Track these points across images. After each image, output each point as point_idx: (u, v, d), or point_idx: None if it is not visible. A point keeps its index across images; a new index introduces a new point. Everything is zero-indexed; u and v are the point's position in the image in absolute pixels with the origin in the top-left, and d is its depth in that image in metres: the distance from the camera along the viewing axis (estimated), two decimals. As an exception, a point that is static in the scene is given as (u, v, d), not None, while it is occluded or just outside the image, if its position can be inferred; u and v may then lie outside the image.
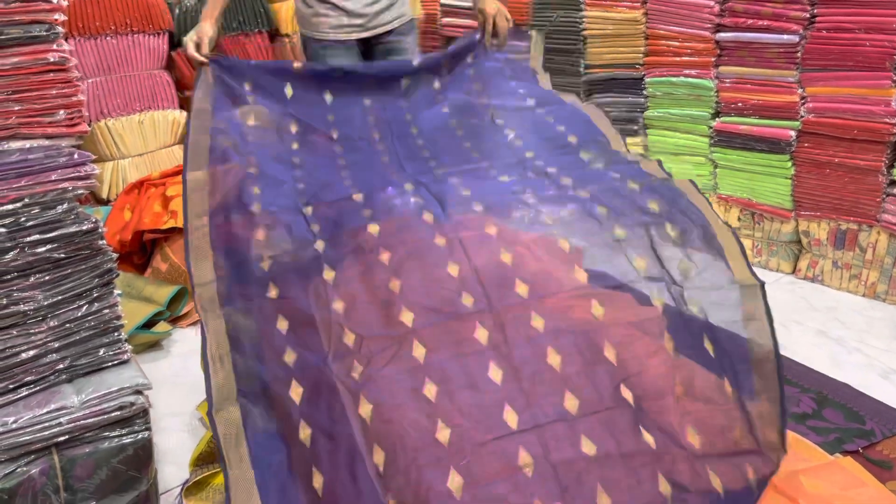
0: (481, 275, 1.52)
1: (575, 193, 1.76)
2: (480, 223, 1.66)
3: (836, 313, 2.58)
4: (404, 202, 1.75)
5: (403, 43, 2.61)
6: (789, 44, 2.60)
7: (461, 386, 1.36)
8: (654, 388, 1.41)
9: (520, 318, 1.44)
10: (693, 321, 1.54)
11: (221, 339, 1.48)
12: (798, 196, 2.76)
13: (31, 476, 1.46)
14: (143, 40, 3.16)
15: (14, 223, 1.41)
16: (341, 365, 1.39)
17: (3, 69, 1.38)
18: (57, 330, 1.51)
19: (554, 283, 1.53)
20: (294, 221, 1.68)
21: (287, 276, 1.56)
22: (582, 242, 1.63)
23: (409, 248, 1.60)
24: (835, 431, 1.91)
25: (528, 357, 1.40)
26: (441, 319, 1.45)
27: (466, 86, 2.23)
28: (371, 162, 1.91)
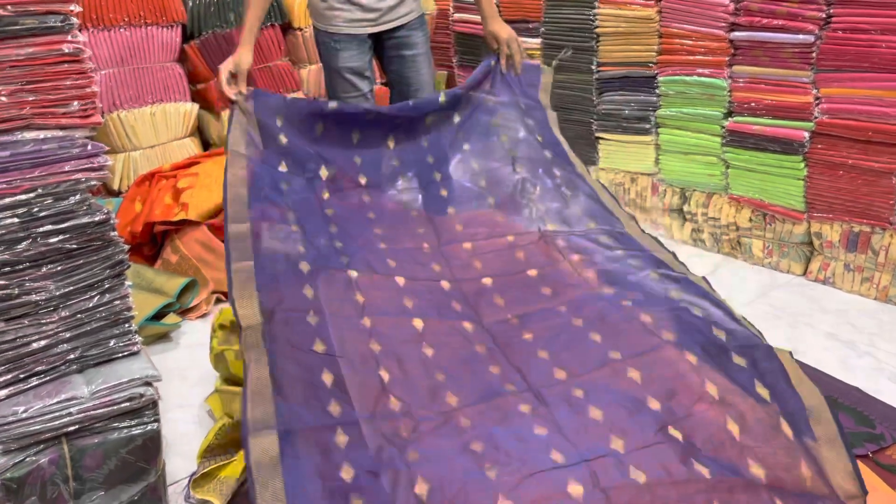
0: (518, 367, 1.58)
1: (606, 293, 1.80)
2: (517, 327, 1.73)
3: (847, 316, 2.56)
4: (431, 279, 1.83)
5: (413, 38, 2.62)
6: (804, 44, 2.59)
7: (508, 441, 1.38)
8: (704, 428, 1.41)
9: (561, 394, 1.49)
10: (741, 371, 1.53)
11: (264, 380, 1.46)
12: (810, 197, 2.74)
13: (41, 465, 1.47)
14: (156, 32, 3.16)
15: (27, 213, 1.42)
16: (388, 424, 1.41)
17: (17, 59, 1.38)
18: (68, 320, 1.51)
19: (591, 364, 1.57)
20: (341, 281, 1.73)
21: (333, 333, 1.58)
22: (612, 330, 1.68)
23: (446, 335, 1.66)
24: (844, 435, 1.90)
25: (572, 416, 1.42)
26: (485, 399, 1.49)
27: (488, 130, 2.31)
28: (400, 222, 1.95)
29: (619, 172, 3.43)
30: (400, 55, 2.64)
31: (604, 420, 1.41)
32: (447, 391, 1.49)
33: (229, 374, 1.99)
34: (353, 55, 2.55)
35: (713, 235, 3.11)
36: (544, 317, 1.76)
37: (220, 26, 3.33)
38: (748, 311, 2.61)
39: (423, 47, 2.68)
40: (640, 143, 3.28)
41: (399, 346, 1.59)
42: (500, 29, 2.39)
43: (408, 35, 2.62)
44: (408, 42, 2.63)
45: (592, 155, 3.50)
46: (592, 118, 3.42)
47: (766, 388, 1.49)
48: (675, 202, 3.22)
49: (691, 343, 1.58)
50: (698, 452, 1.36)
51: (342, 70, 2.56)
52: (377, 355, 1.55)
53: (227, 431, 1.81)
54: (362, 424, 1.39)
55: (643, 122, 3.22)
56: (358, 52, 2.55)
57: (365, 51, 2.58)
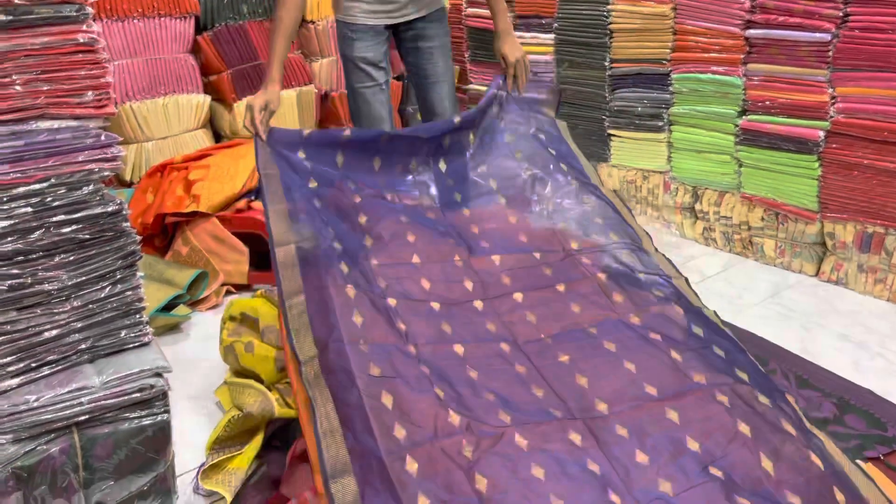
0: (560, 394, 1.64)
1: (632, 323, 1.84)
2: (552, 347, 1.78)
3: (860, 317, 2.54)
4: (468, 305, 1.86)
5: (431, 30, 2.62)
6: (821, 42, 2.56)
7: (565, 472, 1.43)
8: (741, 466, 1.48)
9: (606, 429, 1.55)
10: (768, 411, 1.61)
11: (331, 415, 1.51)
12: (824, 197, 2.72)
13: (51, 454, 1.47)
14: (169, 24, 3.16)
15: (41, 203, 1.42)
16: (451, 443, 1.44)
17: (32, 49, 1.38)
18: (80, 310, 1.52)
19: (629, 399, 1.62)
20: (382, 308, 1.77)
21: (384, 358, 1.62)
22: (644, 363, 1.73)
23: (486, 359, 1.71)
24: (856, 438, 1.88)
25: (620, 457, 1.49)
26: (536, 420, 1.54)
27: (502, 147, 2.35)
28: (429, 229, 1.98)
29: (630, 170, 3.42)
30: (417, 47, 2.64)
31: (650, 463, 1.48)
32: (499, 409, 1.55)
33: (239, 367, 2.00)
34: (368, 46, 2.56)
35: (725, 234, 3.09)
36: (576, 337, 1.82)
37: (234, 18, 3.33)
38: (759, 312, 2.60)
39: (441, 40, 2.68)
40: (652, 141, 3.26)
41: (446, 369, 1.64)
42: (509, 51, 2.43)
43: (425, 27, 2.62)
44: (425, 34, 2.63)
45: (604, 152, 3.49)
46: (605, 115, 3.41)
47: (791, 425, 1.58)
48: (687, 200, 3.20)
49: (721, 384, 1.66)
50: (739, 489, 1.44)
51: (357, 60, 2.57)
52: (429, 376, 1.60)
53: (235, 423, 1.81)
54: (428, 447, 1.45)
55: (656, 120, 3.20)
56: (374, 43, 2.56)
57: (381, 42, 2.59)
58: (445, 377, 1.61)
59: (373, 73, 2.61)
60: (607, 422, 1.57)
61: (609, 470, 1.47)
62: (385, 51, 2.64)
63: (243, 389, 1.89)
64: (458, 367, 1.65)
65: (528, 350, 1.77)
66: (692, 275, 2.89)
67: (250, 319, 2.05)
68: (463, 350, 1.72)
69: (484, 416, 1.52)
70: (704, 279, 2.87)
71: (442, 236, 2.08)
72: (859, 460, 1.76)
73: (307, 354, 1.64)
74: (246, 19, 3.36)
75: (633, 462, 1.49)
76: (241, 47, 3.37)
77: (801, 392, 2.09)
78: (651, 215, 3.38)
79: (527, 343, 1.79)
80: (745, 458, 1.49)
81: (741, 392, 1.64)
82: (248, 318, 2.06)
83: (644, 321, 1.86)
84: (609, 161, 3.49)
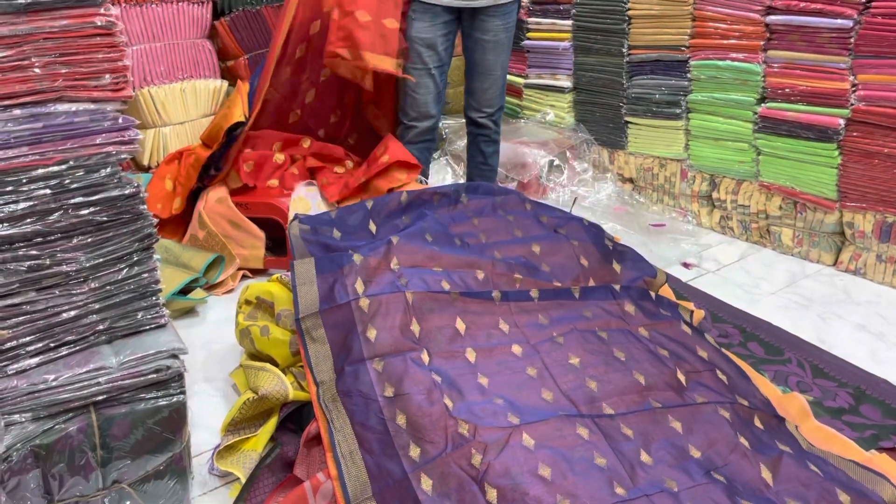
0: (570, 396, 1.68)
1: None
2: (563, 348, 1.83)
3: (878, 307, 2.52)
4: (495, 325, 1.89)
5: (490, 23, 2.70)
6: (842, 29, 2.53)
7: (572, 469, 1.47)
8: (742, 475, 1.53)
9: (612, 426, 1.60)
10: (763, 433, 1.67)
11: (349, 437, 1.59)
12: (843, 187, 2.69)
13: (69, 433, 1.49)
14: (187, 9, 3.17)
15: (59, 185, 1.44)
16: (461, 454, 1.48)
17: (51, 32, 1.39)
18: (98, 291, 1.53)
19: (634, 406, 1.67)
20: (402, 303, 1.82)
21: (398, 371, 1.66)
22: (652, 377, 1.78)
23: (499, 365, 1.75)
24: (871, 428, 1.87)
25: (626, 452, 1.53)
26: (544, 420, 1.58)
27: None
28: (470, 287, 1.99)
29: (647, 157, 3.39)
30: (473, 37, 2.68)
31: (654, 464, 1.52)
32: (508, 412, 1.58)
33: (254, 350, 2.01)
34: (425, 26, 2.61)
35: (742, 223, 3.07)
36: (588, 339, 1.86)
37: (251, 3, 3.33)
38: (776, 301, 2.58)
39: (497, 36, 2.71)
40: (670, 128, 3.23)
41: (457, 378, 1.67)
42: None
43: (486, 20, 2.67)
44: (484, 26, 2.68)
45: (621, 139, 3.47)
46: (622, 102, 3.39)
47: (787, 445, 1.64)
48: (705, 188, 3.18)
49: (722, 402, 1.71)
50: (741, 493, 1.48)
51: (413, 40, 2.63)
52: (440, 385, 1.63)
53: (251, 406, 1.83)
54: (440, 462, 1.49)
55: (674, 107, 3.17)
56: (431, 24, 2.60)
57: (441, 24, 2.62)
58: (456, 386, 1.65)
59: (424, 54, 2.64)
60: (614, 420, 1.61)
61: (615, 462, 1.50)
62: (445, 34, 2.66)
63: (258, 372, 1.91)
64: (469, 376, 1.69)
65: (541, 349, 1.80)
66: (709, 263, 2.88)
67: (266, 303, 2.07)
68: (475, 356, 1.76)
69: (492, 419, 1.55)
70: (721, 268, 2.86)
71: (462, 249, 2.12)
72: (874, 450, 1.75)
73: (324, 377, 1.72)
74: (263, 4, 3.35)
75: (637, 460, 1.52)
76: (258, 33, 3.37)
77: (817, 381, 2.08)
78: (668, 203, 3.36)
79: (539, 343, 1.82)
80: (745, 468, 1.54)
81: (741, 411, 1.69)
82: (264, 302, 2.07)
83: (652, 336, 1.91)
84: (626, 148, 3.47)
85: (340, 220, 2.18)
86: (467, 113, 2.96)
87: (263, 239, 2.76)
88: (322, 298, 1.86)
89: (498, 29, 2.70)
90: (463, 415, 1.56)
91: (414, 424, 1.56)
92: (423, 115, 2.79)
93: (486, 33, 2.68)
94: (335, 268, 1.92)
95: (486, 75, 2.78)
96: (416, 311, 1.82)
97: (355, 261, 1.92)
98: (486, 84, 2.81)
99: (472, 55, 2.77)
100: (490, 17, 2.66)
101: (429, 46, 2.62)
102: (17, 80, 1.38)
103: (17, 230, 1.41)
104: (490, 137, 2.98)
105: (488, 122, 2.93)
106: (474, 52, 2.75)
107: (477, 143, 2.98)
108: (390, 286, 1.86)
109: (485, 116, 2.91)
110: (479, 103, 2.86)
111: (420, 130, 2.82)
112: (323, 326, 1.83)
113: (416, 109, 2.78)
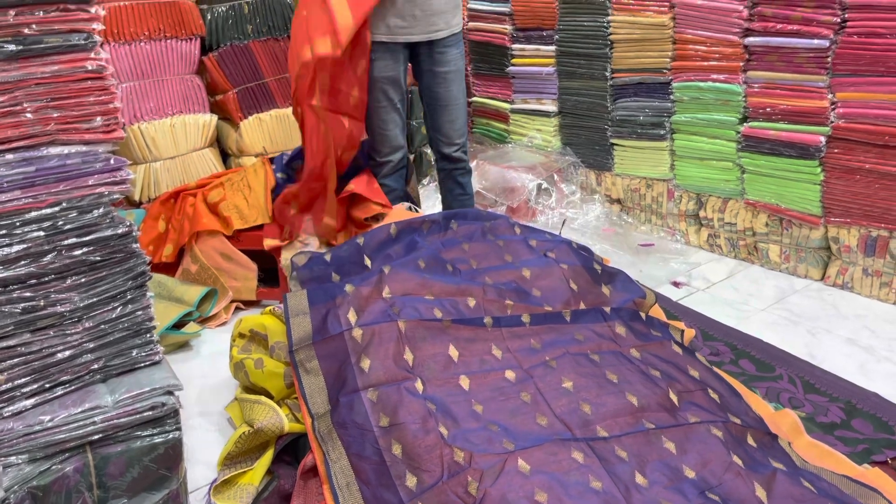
0: (564, 420, 1.69)
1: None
2: (556, 372, 1.84)
3: (866, 321, 2.55)
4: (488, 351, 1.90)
5: (448, 55, 2.73)
6: (819, 49, 2.58)
7: (568, 494, 1.47)
8: (736, 493, 1.54)
9: (606, 448, 1.61)
10: (756, 451, 1.69)
11: (345, 469, 1.60)
12: (827, 202, 2.73)
13: (66, 473, 1.50)
14: (175, 45, 3.21)
15: (52, 227, 1.46)
16: (457, 481, 1.49)
17: (42, 77, 1.42)
18: (92, 331, 1.55)
19: (628, 427, 1.68)
20: (395, 333, 1.84)
21: (392, 401, 1.68)
22: (644, 399, 1.79)
23: (493, 391, 1.76)
24: (863, 442, 1.89)
25: (622, 476, 1.54)
26: (538, 444, 1.59)
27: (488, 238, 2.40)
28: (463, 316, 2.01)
29: (634, 178, 3.43)
30: (432, 71, 2.70)
31: (649, 486, 1.53)
32: (503, 439, 1.60)
33: (249, 383, 2.02)
34: (388, 65, 2.65)
35: (729, 241, 3.10)
36: (580, 362, 1.87)
37: (238, 38, 3.38)
38: (765, 317, 2.60)
39: (457, 64, 2.74)
40: (655, 149, 3.28)
41: (451, 406, 1.69)
42: None
43: (443, 52, 2.69)
44: (442, 59, 2.70)
45: (607, 161, 3.51)
46: (607, 124, 3.43)
47: (781, 462, 1.65)
48: (691, 207, 3.22)
49: (715, 421, 1.72)
50: None
51: (378, 80, 2.67)
52: (435, 413, 1.64)
53: (246, 439, 1.83)
54: (437, 491, 1.50)
55: (658, 128, 3.22)
56: (393, 62, 2.66)
57: (400, 60, 2.67)
58: (451, 413, 1.66)
59: (390, 91, 2.68)
60: (608, 443, 1.62)
61: (611, 485, 1.51)
62: (405, 68, 2.71)
63: (253, 405, 1.91)
64: (463, 403, 1.70)
65: (534, 374, 1.81)
66: (698, 281, 2.90)
67: (259, 336, 2.08)
68: (468, 383, 1.77)
69: (488, 446, 1.57)
70: (710, 286, 2.88)
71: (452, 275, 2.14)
72: (866, 464, 1.76)
73: (319, 410, 1.73)
74: (250, 39, 3.40)
75: (633, 482, 1.53)
76: (246, 67, 3.41)
77: (808, 397, 2.09)
78: (656, 223, 3.40)
79: (532, 368, 1.84)
80: (739, 487, 1.55)
81: (734, 430, 1.71)
82: (258, 334, 2.08)
83: (644, 357, 1.93)
84: (613, 170, 3.51)
85: (336, 261, 2.19)
86: (439, 149, 2.87)
87: (256, 270, 2.78)
88: (315, 330, 1.87)
89: (456, 58, 2.73)
90: (458, 442, 1.57)
91: (410, 454, 1.57)
92: (394, 148, 2.80)
93: (446, 65, 2.70)
94: (328, 299, 1.94)
95: (451, 107, 2.76)
96: (409, 340, 1.83)
97: (347, 291, 1.94)
98: (453, 115, 2.79)
99: (436, 90, 2.74)
100: (448, 47, 2.68)
101: (392, 83, 2.66)
102: (9, 126, 1.41)
103: (11, 273, 1.43)
104: (465, 168, 2.93)
105: (460, 153, 2.88)
106: (437, 86, 2.73)
107: (454, 177, 2.92)
108: (383, 315, 1.88)
109: (457, 149, 2.85)
110: (450, 136, 2.82)
111: (394, 163, 2.84)
112: (317, 358, 1.84)
113: (388, 145, 2.79)
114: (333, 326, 1.86)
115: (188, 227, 2.82)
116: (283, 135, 3.54)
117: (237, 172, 3.05)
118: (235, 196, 2.90)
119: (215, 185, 2.94)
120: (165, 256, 2.85)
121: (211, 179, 3.05)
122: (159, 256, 2.85)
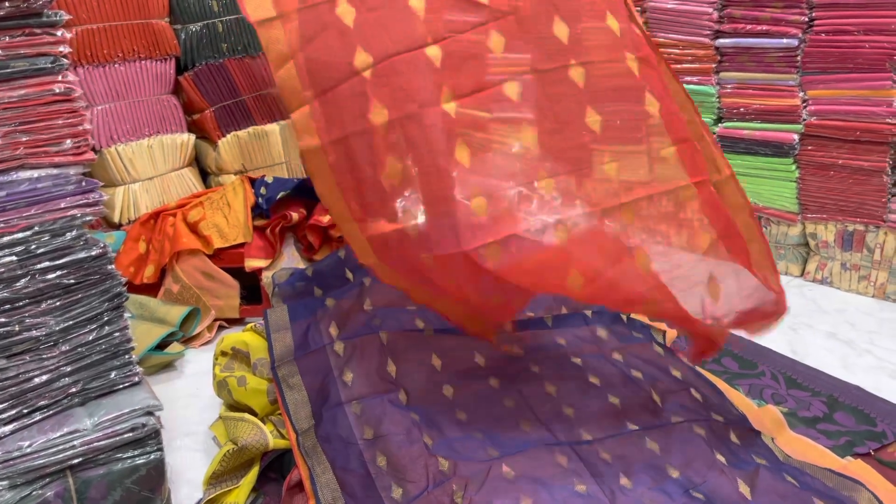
0: (548, 425, 1.71)
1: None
2: (539, 377, 1.86)
3: (846, 315, 2.57)
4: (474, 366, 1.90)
5: None
6: (789, 48, 2.61)
7: (553, 498, 1.48)
8: (720, 490, 1.55)
9: (590, 452, 1.62)
10: (739, 448, 1.71)
11: (331, 483, 1.60)
12: (803, 199, 2.75)
13: (47, 499, 1.49)
14: (150, 66, 3.21)
15: (25, 251, 1.45)
16: (443, 490, 1.50)
17: (10, 102, 1.42)
18: (69, 354, 1.54)
19: (612, 430, 1.70)
20: (377, 346, 1.84)
21: (376, 413, 1.68)
22: (627, 399, 1.81)
23: (477, 398, 1.77)
24: (846, 435, 1.90)
25: (607, 479, 1.56)
26: (522, 450, 1.60)
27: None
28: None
29: (613, 182, 3.45)
30: None
31: (633, 487, 1.54)
32: (487, 446, 1.61)
33: (232, 401, 2.01)
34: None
35: (710, 241, 3.12)
36: (562, 365, 1.88)
37: (213, 57, 3.38)
38: (747, 315, 2.62)
39: None
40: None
41: (435, 415, 1.69)
42: None
43: None
44: None
45: (587, 166, 3.53)
46: (585, 130, 3.45)
47: (763, 458, 1.67)
48: (671, 209, 3.24)
49: (697, 420, 1.74)
50: None
51: None
52: (419, 423, 1.65)
53: (231, 457, 1.82)
54: (423, 501, 1.50)
55: (635, 132, 3.24)
56: None
57: None
58: (435, 423, 1.67)
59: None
60: (592, 446, 1.63)
61: (596, 489, 1.52)
62: None
63: (237, 423, 1.90)
64: (447, 412, 1.71)
65: (518, 380, 1.82)
66: (679, 283, 2.92)
67: (242, 354, 2.07)
68: (452, 391, 1.77)
69: (472, 454, 1.57)
70: (692, 286, 2.90)
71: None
72: (849, 456, 1.77)
73: (303, 426, 1.72)
74: (226, 57, 3.40)
75: (617, 484, 1.54)
76: (222, 85, 3.41)
77: (791, 392, 2.11)
78: (637, 226, 3.41)
79: (515, 374, 1.84)
80: (723, 484, 1.56)
81: (716, 428, 1.72)
82: (240, 352, 2.08)
83: (626, 360, 1.95)
84: (592, 175, 3.53)
85: (318, 275, 2.19)
86: None
87: (238, 288, 2.77)
88: (297, 345, 1.87)
89: None
90: (443, 451, 1.57)
91: (395, 465, 1.57)
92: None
93: None
94: (309, 314, 1.94)
95: None
96: (392, 351, 1.83)
97: (328, 305, 1.94)
98: None
99: None
100: None
101: None
102: (-23, 151, 1.40)
103: (-16, 299, 1.42)
104: None
105: None
106: None
107: None
108: (364, 328, 1.88)
109: None
110: None
111: None
112: (299, 373, 1.83)
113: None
114: (315, 341, 1.85)
115: (169, 247, 2.81)
116: (262, 152, 3.54)
117: (217, 191, 3.05)
118: (215, 215, 2.89)
119: (195, 205, 2.93)
120: (147, 277, 2.83)
121: (190, 199, 3.04)
122: (141, 277, 2.84)
